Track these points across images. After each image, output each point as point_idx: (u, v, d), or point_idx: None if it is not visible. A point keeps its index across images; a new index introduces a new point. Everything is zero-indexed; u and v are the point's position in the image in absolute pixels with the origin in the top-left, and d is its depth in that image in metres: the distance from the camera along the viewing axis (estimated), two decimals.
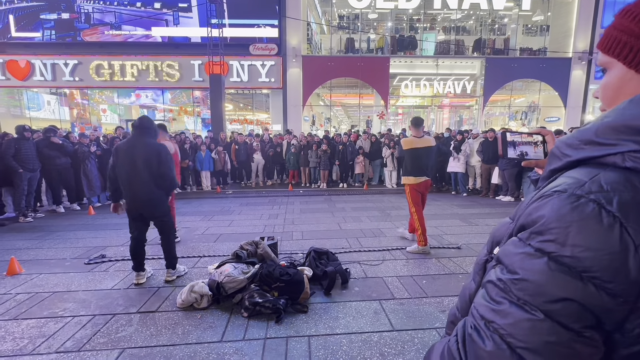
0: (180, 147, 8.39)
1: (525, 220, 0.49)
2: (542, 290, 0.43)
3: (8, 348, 2.20)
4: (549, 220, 0.45)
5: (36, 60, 12.84)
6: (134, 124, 3.09)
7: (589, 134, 0.49)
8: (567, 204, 0.44)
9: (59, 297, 2.92)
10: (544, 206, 0.46)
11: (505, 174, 7.13)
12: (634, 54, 0.50)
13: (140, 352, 2.16)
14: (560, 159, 0.53)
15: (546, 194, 0.48)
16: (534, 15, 14.20)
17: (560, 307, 0.42)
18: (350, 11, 14.65)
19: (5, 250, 4.12)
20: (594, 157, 0.48)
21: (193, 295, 2.68)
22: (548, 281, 0.43)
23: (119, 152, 2.99)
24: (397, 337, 2.31)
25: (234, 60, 12.81)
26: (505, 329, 0.45)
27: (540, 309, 0.43)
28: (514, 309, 0.45)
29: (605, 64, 0.55)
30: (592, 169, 0.47)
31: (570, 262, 0.42)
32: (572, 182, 0.46)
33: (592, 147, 0.48)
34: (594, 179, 0.45)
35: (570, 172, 0.50)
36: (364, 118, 15.88)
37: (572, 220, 0.43)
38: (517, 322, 0.44)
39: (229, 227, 5.19)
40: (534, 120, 14.65)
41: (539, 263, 0.44)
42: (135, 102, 14.16)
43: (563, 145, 0.53)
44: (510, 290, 0.46)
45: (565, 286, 0.42)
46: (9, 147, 5.52)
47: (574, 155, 0.50)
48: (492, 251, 0.61)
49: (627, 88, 0.52)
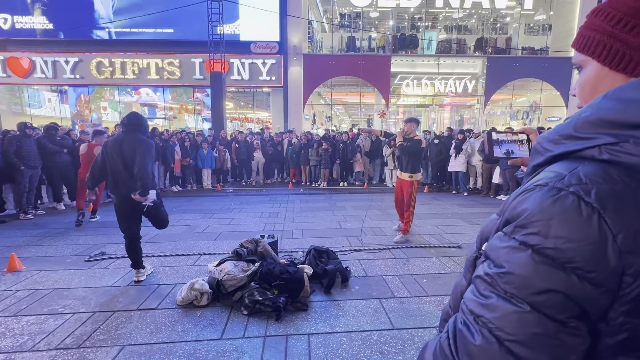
0: (181, 145, 8.40)
1: (510, 214, 0.50)
2: (527, 283, 0.44)
3: (8, 344, 2.21)
4: (531, 213, 0.45)
5: (37, 57, 12.83)
6: (122, 121, 3.08)
7: (568, 129, 0.50)
8: (549, 197, 0.45)
9: (59, 294, 2.92)
10: (526, 200, 0.47)
11: (506, 173, 7.11)
12: (607, 51, 0.52)
13: (140, 349, 2.16)
14: (542, 154, 0.54)
15: (529, 189, 0.49)
16: (536, 15, 14.15)
17: (546, 298, 0.43)
18: (351, 9, 14.60)
19: (5, 247, 4.13)
20: (573, 151, 0.49)
21: (193, 292, 2.68)
22: (533, 273, 0.44)
23: (107, 148, 3.00)
24: (397, 336, 2.30)
25: (234, 58, 12.79)
26: (494, 323, 0.45)
27: (526, 301, 0.44)
28: (501, 302, 0.45)
29: (580, 62, 0.57)
30: (571, 163, 0.48)
31: (553, 253, 0.43)
32: (552, 175, 0.47)
33: (571, 141, 0.49)
34: (573, 172, 0.46)
35: (551, 166, 0.51)
36: (364, 117, 15.86)
37: (554, 212, 0.44)
38: (505, 315, 0.45)
39: (229, 225, 5.19)
40: (535, 120, 14.62)
41: (523, 256, 0.45)
42: (136, 100, 14.15)
43: (544, 140, 0.54)
44: (497, 284, 0.47)
45: (549, 277, 0.43)
46: (11, 144, 5.52)
47: (554, 150, 0.52)
48: (481, 247, 0.62)
49: (603, 85, 0.54)
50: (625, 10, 0.50)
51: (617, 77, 0.52)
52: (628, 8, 0.50)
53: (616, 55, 0.51)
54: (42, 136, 6.13)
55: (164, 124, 13.96)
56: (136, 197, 2.91)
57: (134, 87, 13.70)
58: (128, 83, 13.33)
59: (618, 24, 0.51)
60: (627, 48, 0.50)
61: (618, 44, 0.51)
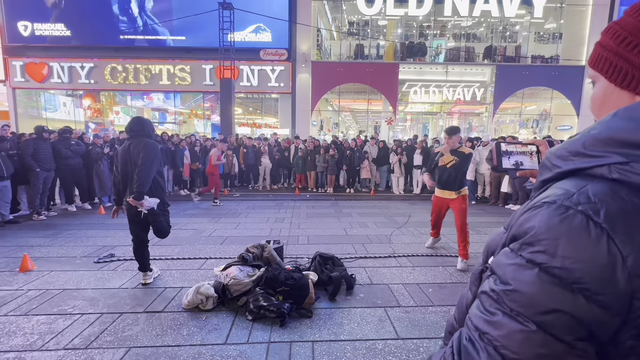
0: (191, 150, 8.53)
1: (517, 230, 0.49)
2: (533, 302, 0.43)
3: (18, 343, 2.25)
4: (539, 231, 0.45)
5: (54, 63, 13.26)
6: (126, 129, 3.09)
7: (577, 145, 0.50)
8: (556, 215, 0.44)
9: (69, 294, 2.97)
10: (534, 217, 0.47)
11: (516, 182, 7.02)
12: (612, 68, 0.53)
13: (146, 351, 2.18)
14: (550, 170, 0.53)
15: (536, 205, 0.48)
16: (546, 23, 14.07)
17: (552, 318, 0.42)
18: (360, 18, 14.75)
19: (18, 247, 4.23)
20: (582, 169, 0.48)
21: (199, 296, 2.70)
22: (539, 292, 0.43)
23: (117, 156, 3.07)
24: (402, 346, 2.28)
25: (244, 64, 13.00)
26: (499, 340, 0.45)
27: (532, 320, 0.43)
28: (507, 320, 0.45)
29: (592, 77, 0.59)
30: (580, 181, 0.47)
31: (561, 273, 0.42)
32: (561, 193, 0.47)
33: (580, 158, 0.49)
34: (581, 191, 0.45)
35: (559, 183, 0.50)
36: (372, 124, 15.88)
37: (561, 231, 0.43)
38: (511, 334, 0.44)
39: (236, 230, 5.22)
40: (545, 129, 14.43)
41: (530, 274, 0.44)
42: (147, 104, 14.47)
43: (553, 156, 0.54)
44: (503, 301, 0.46)
45: (556, 297, 0.42)
46: (28, 147, 5.69)
47: (563, 167, 0.51)
48: (487, 261, 0.62)
49: (610, 101, 0.54)
50: (630, 30, 0.51)
51: (622, 95, 0.53)
52: (632, 27, 0.51)
53: (620, 73, 0.52)
54: (57, 140, 6.30)
55: (174, 129, 14.21)
56: (130, 200, 2.90)
57: (145, 92, 14.02)
58: (140, 88, 13.65)
59: (622, 42, 0.52)
60: (631, 67, 0.51)
61: (622, 62, 0.52)
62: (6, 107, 13.98)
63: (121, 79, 13.32)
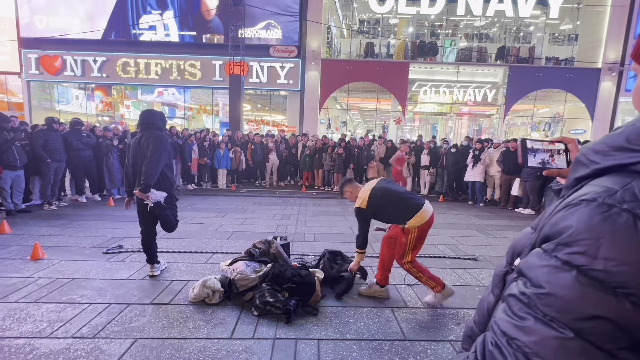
0: (199, 145, 8.58)
1: (550, 230, 0.47)
2: (571, 307, 0.40)
3: (28, 330, 2.28)
4: (577, 230, 0.42)
5: (67, 56, 13.47)
6: (138, 122, 3.11)
7: (619, 139, 0.46)
8: (598, 214, 0.41)
9: (78, 283, 3.01)
10: (570, 216, 0.44)
11: (527, 185, 6.89)
12: None
13: (152, 343, 2.19)
14: (587, 166, 0.50)
15: (573, 203, 0.45)
16: (562, 24, 13.75)
17: (592, 325, 0.39)
18: (371, 16, 14.63)
19: (30, 236, 4.30)
20: (624, 165, 0.45)
21: (205, 290, 2.71)
22: (577, 297, 0.40)
23: (129, 148, 3.09)
24: (409, 347, 2.24)
25: (254, 61, 13.02)
26: (530, 347, 0.42)
27: (569, 326, 0.40)
28: (540, 325, 0.42)
29: (635, 69, 0.56)
30: (623, 177, 0.44)
31: (603, 276, 0.39)
32: (601, 190, 0.44)
33: (622, 153, 0.45)
34: (626, 188, 0.42)
35: (598, 180, 0.47)
36: (380, 123, 15.77)
37: (604, 231, 0.40)
38: (544, 340, 0.41)
39: (242, 225, 5.23)
40: (557, 132, 14.14)
41: (566, 277, 0.41)
42: (157, 99, 14.59)
43: (590, 151, 0.51)
44: (535, 305, 0.43)
45: (597, 303, 0.39)
46: (39, 138, 5.78)
47: (602, 163, 0.48)
48: (513, 262, 0.59)
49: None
50: None
51: None
52: None
53: None
54: (69, 132, 6.39)
55: (183, 124, 14.32)
56: (137, 192, 2.92)
57: (156, 86, 14.15)
58: (151, 83, 13.78)
59: None
60: None
61: None
62: (20, 98, 14.26)
63: (132, 73, 13.46)
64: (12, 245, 3.95)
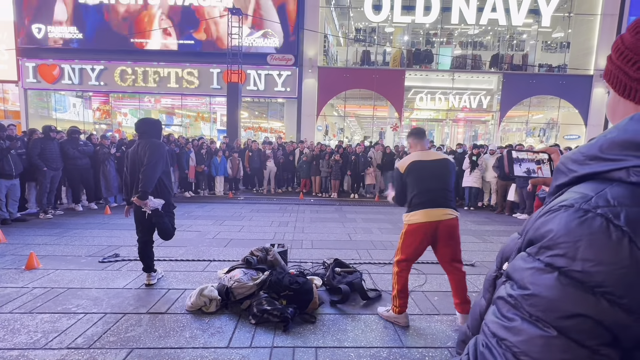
0: (197, 152, 8.59)
1: (534, 234, 0.49)
2: (554, 306, 0.43)
3: (22, 341, 2.25)
4: (557, 234, 0.45)
5: (65, 64, 13.51)
6: (135, 129, 3.15)
7: (593, 149, 0.50)
8: (575, 218, 0.44)
9: (73, 293, 2.98)
10: (551, 220, 0.47)
11: (523, 191, 6.94)
12: (615, 81, 0.57)
13: (148, 353, 2.17)
14: (566, 175, 0.53)
15: (553, 209, 0.48)
16: (554, 32, 14.03)
17: (574, 323, 0.41)
18: (367, 24, 14.86)
19: (25, 245, 4.27)
20: (599, 172, 0.48)
21: (202, 299, 2.69)
22: (560, 296, 0.42)
23: (128, 157, 3.11)
24: (407, 354, 2.24)
25: (251, 69, 13.13)
26: (518, 347, 0.44)
27: (553, 325, 0.42)
28: (526, 325, 0.44)
29: (607, 87, 0.63)
30: (598, 184, 0.47)
31: (582, 276, 0.42)
32: (578, 196, 0.47)
33: (597, 162, 0.49)
34: (600, 194, 0.45)
35: (576, 187, 0.50)
36: (377, 129, 15.88)
37: (581, 234, 0.43)
38: (530, 339, 0.43)
39: (240, 233, 5.22)
40: (552, 137, 14.31)
41: (549, 278, 0.44)
42: (155, 106, 14.63)
43: (568, 160, 0.54)
44: (522, 306, 0.45)
45: (577, 301, 0.41)
46: (35, 147, 5.77)
47: (579, 171, 0.51)
48: (502, 267, 0.61)
49: (618, 109, 0.58)
50: (627, 45, 0.54)
51: (627, 104, 0.55)
52: (630, 43, 0.53)
53: (620, 85, 0.55)
54: (66, 141, 6.38)
55: (180, 131, 14.34)
56: (135, 200, 2.93)
57: (154, 94, 14.20)
58: (149, 91, 13.83)
59: (621, 56, 0.55)
60: (629, 80, 0.53)
61: (622, 75, 0.54)
62: (17, 107, 14.24)
63: (130, 81, 13.51)
64: (7, 254, 3.91)
